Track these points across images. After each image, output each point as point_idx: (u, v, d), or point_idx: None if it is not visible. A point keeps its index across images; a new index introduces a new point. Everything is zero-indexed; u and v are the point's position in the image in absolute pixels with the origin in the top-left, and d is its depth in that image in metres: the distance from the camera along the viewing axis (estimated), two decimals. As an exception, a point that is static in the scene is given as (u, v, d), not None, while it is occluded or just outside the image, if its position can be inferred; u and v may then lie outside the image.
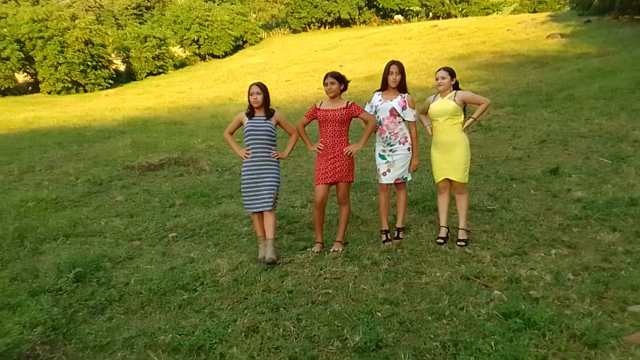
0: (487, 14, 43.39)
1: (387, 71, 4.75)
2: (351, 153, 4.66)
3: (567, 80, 12.40)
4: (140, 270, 4.60)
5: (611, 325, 3.20)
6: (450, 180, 4.78)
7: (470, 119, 4.70)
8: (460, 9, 46.02)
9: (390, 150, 4.82)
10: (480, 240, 4.74)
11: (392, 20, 43.19)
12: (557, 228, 4.88)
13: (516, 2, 47.57)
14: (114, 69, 30.47)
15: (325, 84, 4.64)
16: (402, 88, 4.81)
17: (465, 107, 4.73)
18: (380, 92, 4.86)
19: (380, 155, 4.88)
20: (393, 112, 4.75)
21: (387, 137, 4.80)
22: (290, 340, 3.32)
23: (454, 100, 4.64)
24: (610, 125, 8.44)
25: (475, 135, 8.97)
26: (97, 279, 4.40)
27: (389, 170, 4.85)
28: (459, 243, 4.67)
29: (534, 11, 39.63)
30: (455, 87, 4.75)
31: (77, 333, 3.56)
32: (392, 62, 4.77)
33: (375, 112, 4.81)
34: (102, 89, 27.72)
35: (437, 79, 4.69)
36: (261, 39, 42.82)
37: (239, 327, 3.47)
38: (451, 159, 4.69)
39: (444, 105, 4.67)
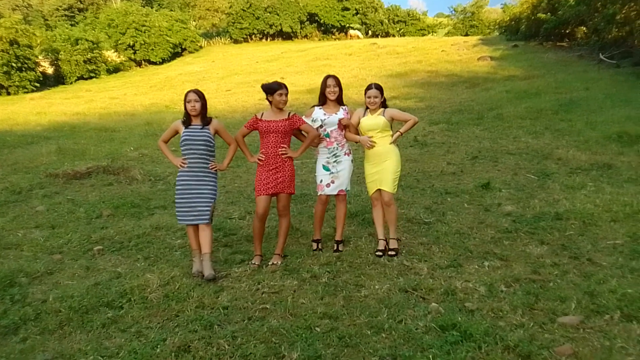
0: (423, 34, 45.28)
1: (324, 85, 4.87)
2: (286, 154, 4.61)
3: (496, 101, 13.06)
4: (60, 286, 4.25)
5: (542, 336, 3.28)
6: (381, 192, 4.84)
7: (398, 133, 4.86)
8: (398, 29, 47.71)
9: (335, 162, 4.90)
10: (418, 253, 4.79)
11: (349, 35, 43.50)
12: (489, 241, 5.02)
13: (449, 25, 49.98)
14: (41, 72, 28.74)
15: (279, 94, 4.60)
16: (340, 100, 4.94)
17: (392, 123, 4.88)
18: (321, 107, 4.88)
19: (324, 167, 4.91)
20: (340, 125, 4.85)
21: (334, 148, 4.89)
22: (224, 359, 3.15)
23: (384, 115, 4.80)
24: (536, 144, 8.92)
25: (411, 150, 9.19)
26: (11, 296, 4.02)
27: (332, 182, 4.89)
28: (390, 253, 4.72)
29: (466, 34, 41.83)
30: (383, 103, 4.89)
31: (-16, 357, 3.21)
32: (329, 76, 4.92)
33: (321, 126, 4.85)
34: (27, 92, 26.05)
35: (369, 97, 4.80)
36: (201, 47, 42.08)
37: (168, 347, 3.25)
38: (381, 169, 4.80)
39: (375, 120, 4.81)
